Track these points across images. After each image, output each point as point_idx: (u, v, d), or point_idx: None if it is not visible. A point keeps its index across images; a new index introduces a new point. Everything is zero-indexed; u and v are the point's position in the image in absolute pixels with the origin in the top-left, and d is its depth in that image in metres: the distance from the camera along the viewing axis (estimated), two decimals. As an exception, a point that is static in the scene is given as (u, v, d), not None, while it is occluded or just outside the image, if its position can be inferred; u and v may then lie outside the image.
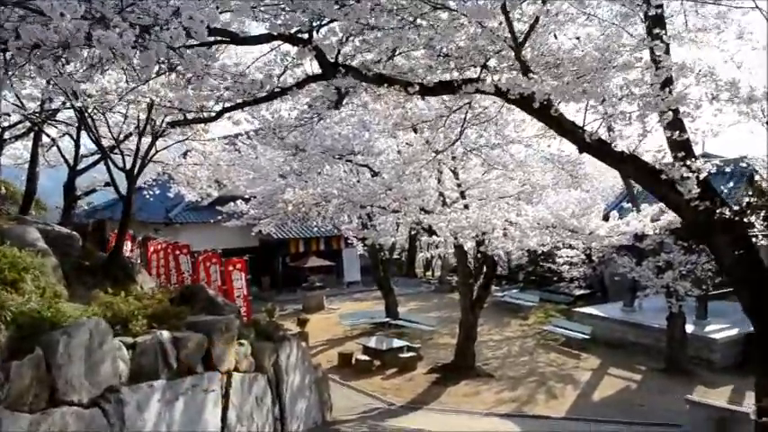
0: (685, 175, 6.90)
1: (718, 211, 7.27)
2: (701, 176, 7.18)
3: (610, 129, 7.05)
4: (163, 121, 11.29)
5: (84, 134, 14.40)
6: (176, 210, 31.56)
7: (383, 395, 16.86)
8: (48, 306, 6.07)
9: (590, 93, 6.12)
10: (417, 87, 6.43)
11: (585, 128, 6.66)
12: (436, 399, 16.63)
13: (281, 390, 10.29)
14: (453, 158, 17.12)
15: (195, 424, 7.27)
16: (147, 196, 29.20)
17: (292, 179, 17.83)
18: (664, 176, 6.70)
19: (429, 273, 44.68)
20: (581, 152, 6.60)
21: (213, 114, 7.64)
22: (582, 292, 30.30)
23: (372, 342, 20.94)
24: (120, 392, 6.31)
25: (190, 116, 8.84)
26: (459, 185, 17.17)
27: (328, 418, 12.90)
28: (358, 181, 16.66)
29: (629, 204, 20.53)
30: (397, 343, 20.67)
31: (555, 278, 31.80)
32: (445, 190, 17.10)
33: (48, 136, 16.49)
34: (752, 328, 20.42)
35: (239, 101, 7.16)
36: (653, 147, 7.43)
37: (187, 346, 7.39)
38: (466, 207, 16.36)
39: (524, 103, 6.52)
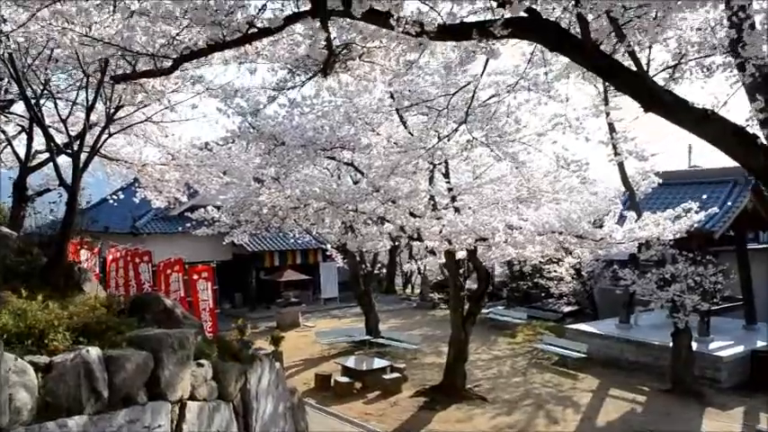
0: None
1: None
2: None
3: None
4: (113, 87, 9.47)
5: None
6: (144, 219, 29.59)
7: (366, 422, 15.12)
8: None
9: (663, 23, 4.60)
10: (435, 26, 4.82)
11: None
12: (425, 426, 14.93)
13: (250, 421, 8.51)
14: (445, 162, 15.68)
15: (131, 474, 5.51)
16: (113, 203, 27.25)
17: (269, 182, 16.06)
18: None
19: (408, 290, 43.13)
20: (646, 111, 5.05)
21: (170, 64, 5.91)
22: (570, 308, 29.12)
23: (352, 362, 19.25)
24: (16, 436, 4.54)
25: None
26: (450, 190, 15.64)
27: (305, 451, 11.14)
28: (339, 179, 15.04)
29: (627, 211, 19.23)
30: (379, 363, 18.99)
31: (542, 294, 30.55)
32: (436, 194, 15.52)
33: (3, 133, 14.62)
34: (758, 345, 19.33)
35: (203, 45, 5.49)
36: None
37: (125, 368, 5.62)
38: (457, 211, 14.81)
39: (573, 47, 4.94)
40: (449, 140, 11.08)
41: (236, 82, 13.36)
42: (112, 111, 10.17)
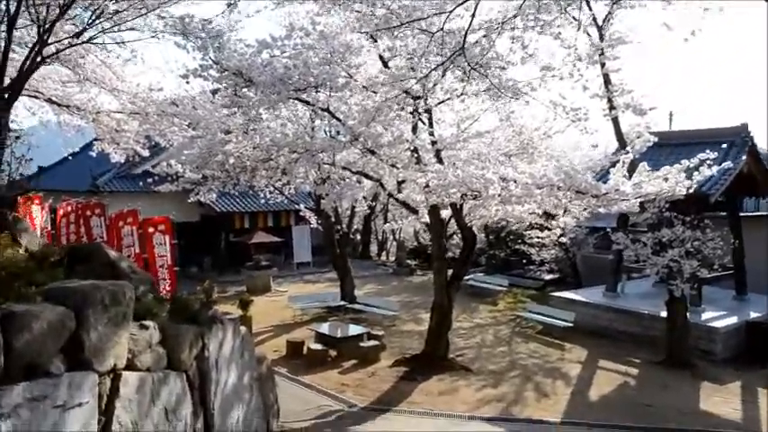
0: None
1: None
2: None
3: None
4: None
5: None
6: (105, 177, 27.81)
7: (341, 393, 13.87)
8: None
9: None
10: None
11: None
12: (406, 398, 13.68)
13: (208, 394, 7.15)
14: (428, 112, 14.29)
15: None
16: (71, 159, 25.32)
17: (237, 131, 14.49)
18: None
19: (383, 256, 41.99)
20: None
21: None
22: (552, 276, 28.27)
23: (326, 328, 18.02)
24: None
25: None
26: (434, 143, 14.28)
27: (274, 428, 9.84)
28: (313, 131, 13.58)
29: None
30: (355, 329, 17.79)
31: (523, 261, 29.55)
32: (420, 148, 14.16)
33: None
34: (752, 316, 18.43)
35: None
36: None
37: (30, 328, 4.18)
38: (441, 163, 13.46)
39: None
40: (443, 75, 9.66)
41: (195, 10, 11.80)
42: (45, 27, 8.55)
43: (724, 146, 19.89)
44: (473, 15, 7.13)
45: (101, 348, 4.93)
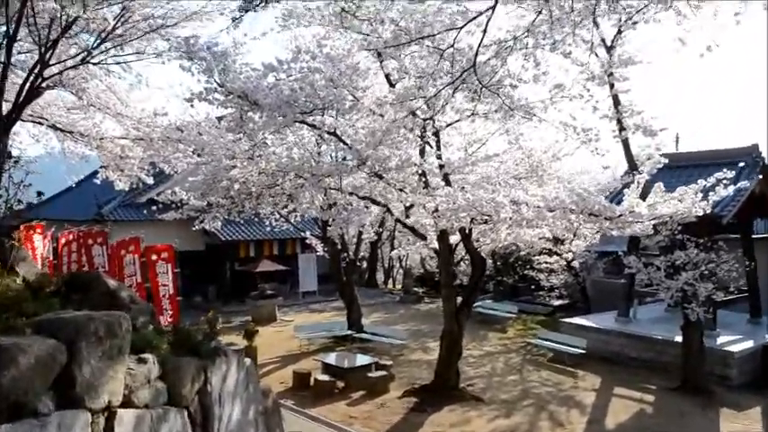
0: None
1: None
2: None
3: None
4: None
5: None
6: (110, 206, 27.62)
7: (350, 426, 13.50)
8: None
9: None
10: None
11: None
12: (417, 430, 13.32)
13: (211, 430, 6.77)
14: (435, 134, 14.10)
15: None
16: (76, 189, 25.01)
17: (242, 156, 14.25)
18: None
19: (390, 284, 41.57)
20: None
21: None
22: (561, 302, 27.84)
23: (333, 359, 17.61)
24: None
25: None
26: (441, 167, 14.03)
27: (281, 463, 9.42)
28: (320, 156, 13.34)
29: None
30: (363, 360, 17.36)
31: (531, 287, 29.15)
32: (428, 172, 13.90)
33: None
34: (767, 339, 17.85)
35: None
36: None
37: (16, 363, 3.88)
38: (448, 184, 13.18)
39: None
40: (453, 94, 9.41)
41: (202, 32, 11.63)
42: (45, 48, 8.34)
43: (737, 166, 19.62)
44: (484, 31, 6.89)
45: (94, 384, 4.60)
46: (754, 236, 22.24)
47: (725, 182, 11.71)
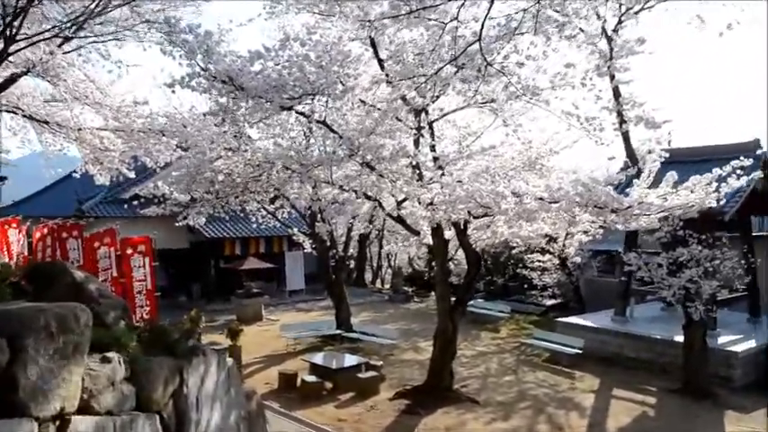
0: None
1: None
2: None
3: None
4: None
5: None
6: (91, 202, 26.85)
7: (339, 430, 12.75)
8: None
9: None
10: None
11: None
12: (410, 433, 12.61)
13: (186, 438, 6.07)
14: (430, 125, 13.48)
15: None
16: (57, 185, 24.23)
17: (227, 147, 13.49)
18: None
19: (378, 283, 40.96)
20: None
21: None
22: (554, 301, 27.33)
23: (321, 359, 16.95)
24: None
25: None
26: (436, 159, 13.39)
27: (265, 471, 8.74)
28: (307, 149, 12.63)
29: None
30: (352, 360, 16.73)
31: (524, 286, 28.59)
32: (422, 166, 13.23)
33: None
34: (771, 340, 17.26)
35: None
36: None
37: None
38: (442, 173, 12.51)
39: None
40: (455, 73, 8.73)
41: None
42: (12, 17, 7.58)
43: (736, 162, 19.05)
44: (482, 24, 6.23)
45: (43, 388, 3.88)
46: (753, 234, 21.80)
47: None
